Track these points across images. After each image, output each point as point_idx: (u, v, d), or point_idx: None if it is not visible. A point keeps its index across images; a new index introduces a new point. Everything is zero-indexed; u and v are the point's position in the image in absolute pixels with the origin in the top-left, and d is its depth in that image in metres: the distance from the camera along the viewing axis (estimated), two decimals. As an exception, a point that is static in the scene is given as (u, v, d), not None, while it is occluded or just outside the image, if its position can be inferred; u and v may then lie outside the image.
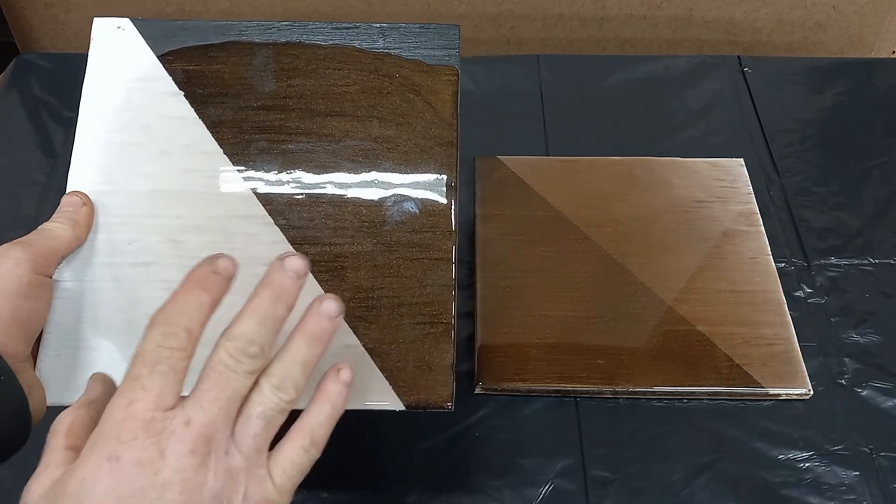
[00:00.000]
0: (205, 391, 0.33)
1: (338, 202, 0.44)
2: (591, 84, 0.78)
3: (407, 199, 0.44)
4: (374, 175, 0.45)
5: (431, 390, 0.41)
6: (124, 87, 0.46)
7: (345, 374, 0.36)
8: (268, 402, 0.34)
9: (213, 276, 0.34)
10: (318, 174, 0.45)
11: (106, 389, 0.38)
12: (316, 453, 0.36)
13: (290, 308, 0.35)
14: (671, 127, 0.74)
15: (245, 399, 0.34)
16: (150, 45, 0.46)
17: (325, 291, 0.43)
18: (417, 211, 0.44)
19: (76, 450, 0.33)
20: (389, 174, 0.45)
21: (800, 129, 0.74)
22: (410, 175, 0.45)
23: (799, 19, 0.91)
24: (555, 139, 0.73)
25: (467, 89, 0.77)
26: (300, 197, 0.44)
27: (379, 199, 0.44)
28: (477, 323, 0.59)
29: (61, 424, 0.35)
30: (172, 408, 0.32)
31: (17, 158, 0.71)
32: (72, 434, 0.35)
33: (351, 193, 0.44)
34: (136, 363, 0.33)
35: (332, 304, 0.35)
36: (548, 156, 0.71)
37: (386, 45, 0.47)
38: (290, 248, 0.43)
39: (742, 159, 0.69)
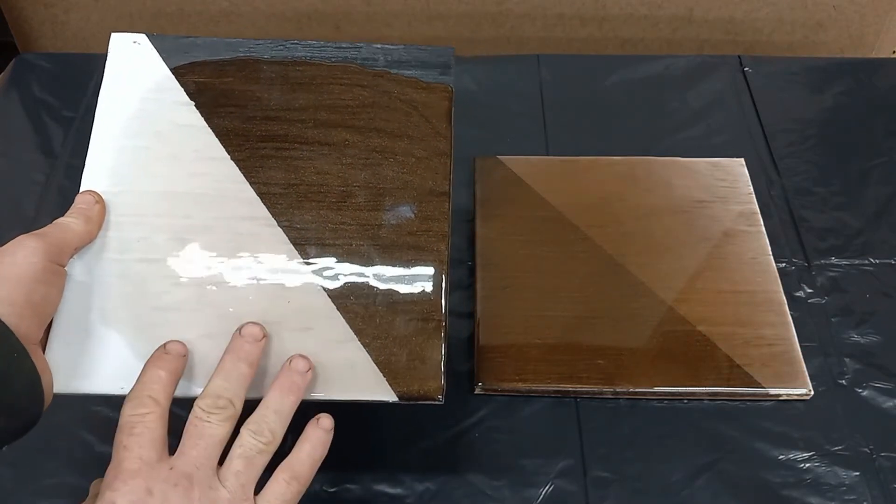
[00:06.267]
0: (184, 442, 0.39)
1: (338, 206, 0.46)
2: (591, 84, 0.78)
3: (403, 203, 0.47)
4: (372, 182, 0.47)
5: (423, 382, 0.43)
6: (138, 96, 0.48)
7: (324, 422, 0.42)
8: (246, 445, 0.39)
9: (165, 355, 0.41)
10: (320, 180, 0.47)
11: None
12: (298, 486, 0.40)
13: (252, 365, 0.42)
14: (671, 127, 0.74)
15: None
16: (163, 59, 0.49)
17: (325, 290, 0.45)
18: (413, 215, 0.46)
19: None
20: (387, 181, 0.47)
21: (800, 129, 0.74)
22: (407, 182, 0.47)
23: (799, 19, 0.91)
24: (555, 139, 0.73)
25: (467, 89, 0.77)
26: (302, 200, 0.46)
27: (377, 203, 0.47)
28: (477, 323, 0.59)
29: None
30: (157, 461, 0.38)
31: (17, 158, 0.71)
32: None
33: (350, 198, 0.47)
34: (117, 434, 0.38)
35: (300, 362, 0.42)
36: (548, 156, 0.71)
37: (386, 63, 0.50)
38: (292, 248, 0.46)
39: (742, 159, 0.69)
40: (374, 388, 0.43)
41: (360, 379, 0.43)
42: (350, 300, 0.45)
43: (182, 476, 0.37)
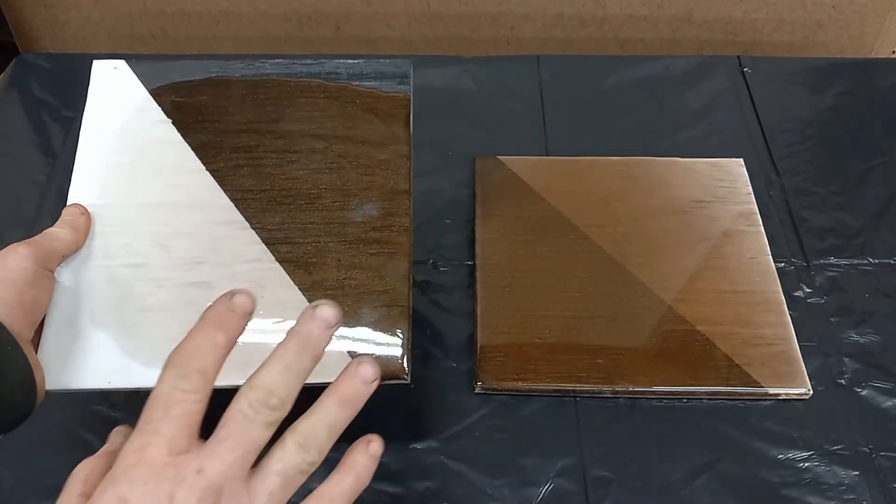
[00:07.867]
0: (221, 439, 0.33)
1: (307, 207, 0.50)
2: (591, 84, 0.78)
3: (367, 203, 0.50)
4: (338, 184, 0.50)
5: (388, 364, 0.46)
6: (120, 117, 0.52)
7: (374, 447, 0.37)
8: (289, 460, 0.34)
9: (230, 314, 0.35)
10: (289, 185, 0.50)
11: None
12: None
13: (317, 359, 0.35)
14: (671, 127, 0.74)
15: (265, 452, 0.34)
16: (142, 82, 0.53)
17: (297, 284, 0.48)
18: (377, 213, 0.49)
19: (90, 496, 0.33)
20: (352, 183, 0.50)
21: (800, 129, 0.74)
22: (370, 183, 0.51)
23: (799, 19, 0.91)
24: (555, 139, 0.73)
25: (467, 89, 0.77)
26: (273, 204, 0.50)
27: (343, 203, 0.50)
28: (477, 323, 0.59)
29: (79, 472, 0.37)
30: (186, 452, 0.33)
31: (17, 158, 0.71)
32: (88, 482, 0.36)
33: (318, 200, 0.50)
34: (151, 406, 0.33)
35: (368, 369, 0.36)
36: (548, 156, 0.71)
37: (348, 77, 0.54)
38: (264, 247, 0.48)
39: (742, 159, 0.69)
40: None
41: (330, 364, 0.44)
42: (320, 292, 0.47)
43: (210, 489, 0.32)
